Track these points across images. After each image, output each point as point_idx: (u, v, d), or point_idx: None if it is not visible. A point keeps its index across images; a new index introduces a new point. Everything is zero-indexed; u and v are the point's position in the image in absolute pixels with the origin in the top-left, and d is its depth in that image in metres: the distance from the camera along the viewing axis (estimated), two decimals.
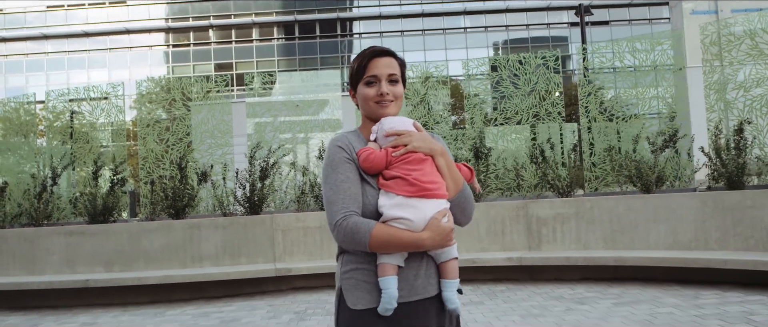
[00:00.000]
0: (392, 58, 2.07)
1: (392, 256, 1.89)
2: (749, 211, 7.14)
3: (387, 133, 2.00)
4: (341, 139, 2.03)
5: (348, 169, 1.95)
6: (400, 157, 1.95)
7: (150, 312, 7.62)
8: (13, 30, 53.36)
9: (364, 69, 2.04)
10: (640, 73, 9.57)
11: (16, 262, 8.71)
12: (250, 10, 53.28)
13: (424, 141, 1.99)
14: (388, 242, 1.86)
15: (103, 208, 9.20)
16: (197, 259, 8.60)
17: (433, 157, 1.99)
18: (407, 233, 1.86)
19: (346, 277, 1.96)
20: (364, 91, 2.05)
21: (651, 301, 6.51)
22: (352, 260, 1.97)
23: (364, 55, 2.07)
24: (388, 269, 1.89)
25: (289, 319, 6.74)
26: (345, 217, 1.88)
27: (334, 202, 1.91)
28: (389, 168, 1.95)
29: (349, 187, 1.92)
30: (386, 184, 1.93)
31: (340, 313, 1.98)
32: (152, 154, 10.18)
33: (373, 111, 2.06)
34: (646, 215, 7.81)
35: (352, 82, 2.12)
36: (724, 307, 5.98)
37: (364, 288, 1.92)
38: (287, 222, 8.71)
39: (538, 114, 9.77)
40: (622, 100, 9.69)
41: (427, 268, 1.97)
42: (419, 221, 1.87)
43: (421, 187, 1.90)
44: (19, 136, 11.02)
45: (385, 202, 1.91)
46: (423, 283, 1.95)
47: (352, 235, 1.86)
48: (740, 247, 7.17)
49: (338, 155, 1.97)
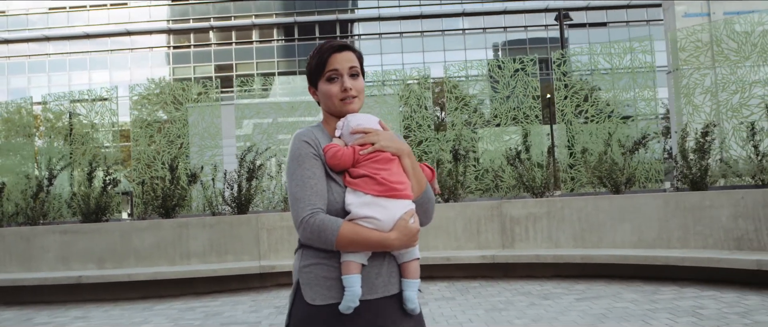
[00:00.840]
0: (351, 52, 2.04)
1: (357, 254, 1.88)
2: (708, 211, 7.48)
3: (353, 130, 1.97)
4: (306, 134, 1.99)
5: (314, 164, 1.92)
6: (367, 156, 1.93)
7: (139, 307, 7.97)
8: (15, 31, 53.87)
9: (323, 64, 2.01)
10: (616, 75, 9.91)
11: (13, 259, 9.08)
12: (250, 11, 53.76)
13: (391, 140, 1.98)
14: (355, 241, 1.84)
15: (96, 208, 9.57)
16: (185, 256, 8.96)
17: (399, 157, 1.97)
18: (375, 233, 1.85)
19: (306, 272, 1.94)
20: (326, 88, 2.02)
21: (612, 296, 6.85)
22: (312, 255, 1.94)
23: (322, 50, 2.03)
24: (352, 267, 1.88)
25: (269, 313, 7.09)
26: (312, 214, 1.85)
27: (300, 199, 1.88)
28: (356, 166, 1.93)
29: (315, 183, 1.89)
30: (353, 182, 1.91)
31: (295, 307, 1.96)
32: (144, 155, 10.55)
33: (337, 108, 2.03)
34: (612, 215, 8.16)
35: (312, 79, 2.08)
36: (677, 302, 6.32)
37: (323, 284, 1.90)
38: (272, 221, 9.07)
39: (516, 117, 10.12)
40: (602, 102, 9.98)
41: (389, 266, 1.96)
42: (387, 221, 1.86)
43: (390, 186, 1.88)
44: (21, 137, 11.41)
45: (353, 200, 1.89)
46: (384, 282, 1.95)
47: (319, 233, 1.84)
48: (699, 246, 7.51)
49: (304, 150, 1.94)
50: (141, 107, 10.98)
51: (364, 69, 2.11)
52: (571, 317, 5.97)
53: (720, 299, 6.32)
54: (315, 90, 2.08)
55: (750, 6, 29.83)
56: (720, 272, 6.92)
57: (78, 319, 7.35)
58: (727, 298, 6.33)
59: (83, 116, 11.12)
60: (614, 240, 8.12)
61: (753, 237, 7.12)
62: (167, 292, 8.61)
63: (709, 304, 6.15)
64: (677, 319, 5.58)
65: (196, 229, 9.05)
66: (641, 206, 8.01)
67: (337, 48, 2.01)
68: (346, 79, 1.99)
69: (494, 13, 53.15)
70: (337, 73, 1.99)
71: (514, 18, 53.20)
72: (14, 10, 53.87)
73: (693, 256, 7.02)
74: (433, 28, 53.31)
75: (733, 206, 7.29)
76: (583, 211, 8.38)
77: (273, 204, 10.24)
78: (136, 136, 10.63)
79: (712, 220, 7.44)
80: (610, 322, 5.66)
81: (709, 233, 7.45)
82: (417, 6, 53.17)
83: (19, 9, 53.82)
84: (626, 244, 8.04)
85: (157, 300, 8.39)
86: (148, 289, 8.58)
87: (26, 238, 9.15)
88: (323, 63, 2.00)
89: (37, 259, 9.07)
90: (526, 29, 53.34)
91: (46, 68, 54.25)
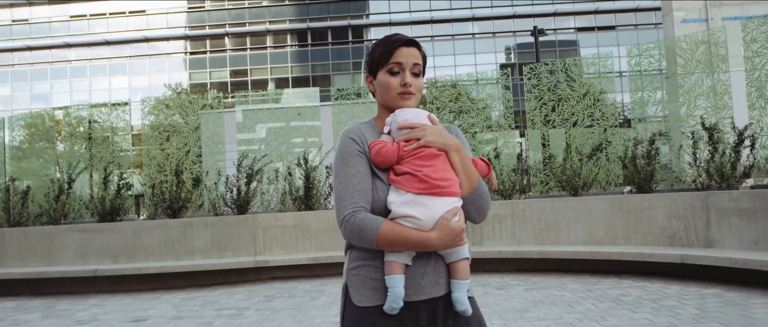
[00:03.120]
0: (417, 50, 2.00)
1: (399, 254, 1.83)
2: (647, 211, 8.40)
3: (400, 125, 1.92)
4: (354, 131, 1.96)
5: (359, 162, 1.89)
6: (411, 152, 1.87)
7: (148, 297, 9.03)
8: (38, 39, 55.66)
9: (388, 56, 1.95)
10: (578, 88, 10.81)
11: (37, 255, 10.21)
12: (265, 18, 55.05)
13: (439, 135, 1.90)
14: (395, 241, 1.79)
15: (111, 209, 10.69)
16: (189, 252, 10.03)
17: (446, 152, 1.90)
18: (415, 232, 1.79)
19: (353, 274, 1.92)
20: (386, 79, 1.96)
21: (557, 286, 7.79)
22: (358, 256, 1.92)
23: (390, 41, 1.97)
24: (394, 267, 1.83)
25: (259, 300, 8.12)
26: (353, 213, 1.83)
27: (344, 197, 1.86)
28: (401, 163, 1.88)
29: (359, 181, 1.86)
30: (396, 180, 1.86)
31: (346, 310, 1.94)
32: (154, 161, 11.67)
33: (393, 101, 1.98)
34: (567, 215, 9.10)
35: (372, 68, 2.02)
36: (608, 291, 7.25)
37: (370, 285, 1.88)
38: (267, 221, 10.10)
39: (490, 126, 11.08)
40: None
41: (436, 267, 1.90)
42: (428, 220, 1.80)
43: (432, 184, 1.82)
44: (43, 142, 12.59)
45: (395, 198, 1.84)
46: (430, 283, 1.88)
47: (359, 232, 1.81)
48: (640, 242, 8.43)
49: (350, 148, 1.91)
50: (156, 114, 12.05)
51: (425, 70, 2.05)
52: (511, 304, 6.92)
53: (645, 289, 7.25)
54: (372, 79, 2.04)
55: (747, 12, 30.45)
56: (653, 266, 7.85)
57: (94, 307, 8.42)
58: (651, 288, 7.26)
59: (103, 121, 12.24)
60: (569, 238, 9.05)
61: (683, 235, 8.03)
62: (173, 284, 9.68)
63: (634, 292, 7.08)
64: (598, 305, 6.52)
65: (199, 228, 10.11)
66: (592, 208, 8.95)
67: (406, 42, 1.97)
68: (407, 74, 1.95)
69: (503, 17, 53.98)
70: (401, 67, 1.95)
71: (522, 22, 53.93)
72: (37, 18, 55.73)
73: (630, 251, 7.95)
74: (443, 32, 54.27)
75: (667, 207, 8.21)
76: (543, 213, 9.32)
77: (271, 205, 11.25)
78: (147, 139, 11.72)
79: (650, 220, 8.36)
80: (541, 307, 6.62)
81: (647, 231, 8.37)
82: (427, 11, 54.15)
83: (41, 17, 55.67)
84: (579, 241, 8.98)
85: (163, 291, 9.46)
86: (156, 282, 9.65)
87: (49, 236, 10.27)
88: (389, 54, 1.95)
89: (58, 254, 10.18)
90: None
91: (67, 74, 56.03)
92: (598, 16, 53.35)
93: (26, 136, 12.87)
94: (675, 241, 8.11)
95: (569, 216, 9.08)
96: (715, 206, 7.79)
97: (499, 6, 54.07)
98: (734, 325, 5.32)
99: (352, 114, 11.71)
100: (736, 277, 7.15)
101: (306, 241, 10.02)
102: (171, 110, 12.05)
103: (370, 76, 2.04)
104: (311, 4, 55.05)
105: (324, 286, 8.94)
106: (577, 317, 5.99)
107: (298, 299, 7.99)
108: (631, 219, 8.52)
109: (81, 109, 12.72)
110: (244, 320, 6.84)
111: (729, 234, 7.56)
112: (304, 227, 10.04)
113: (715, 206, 7.79)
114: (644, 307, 6.24)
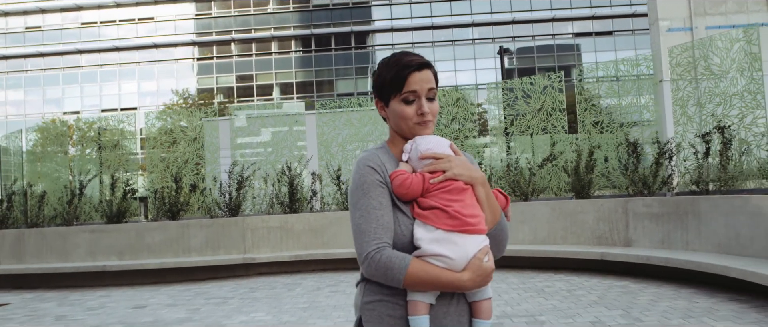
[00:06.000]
0: (430, 72, 1.86)
1: (425, 293, 1.75)
2: (580, 216, 9.63)
3: (423, 155, 1.81)
4: (372, 159, 1.84)
5: (380, 193, 1.78)
6: (438, 185, 1.77)
7: (149, 289, 10.32)
8: (50, 45, 57.36)
9: (401, 83, 1.82)
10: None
11: (52, 253, 11.54)
12: (270, 24, 56.52)
13: (465, 168, 1.81)
14: (425, 281, 1.70)
15: (118, 212, 12.01)
16: (186, 250, 11.32)
17: (473, 186, 1.81)
18: (447, 273, 1.70)
19: (368, 309, 1.81)
20: (400, 109, 1.84)
21: (500, 281, 9.00)
22: (375, 291, 1.81)
23: (401, 66, 1.83)
24: (420, 308, 1.74)
25: (243, 292, 9.40)
26: (378, 249, 1.72)
27: (366, 232, 1.74)
28: (426, 196, 1.78)
29: (381, 214, 1.75)
30: (423, 215, 1.76)
31: None
32: (157, 168, 12.99)
33: (411, 130, 1.86)
34: (516, 218, 10.32)
35: (382, 94, 1.89)
36: (539, 284, 8.48)
37: (387, 322, 1.78)
38: (255, 223, 11.39)
39: (457, 136, 12.33)
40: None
41: (458, 306, 1.81)
42: (460, 259, 1.71)
43: (463, 221, 1.73)
44: (55, 146, 13.94)
45: (423, 235, 1.74)
46: (452, 322, 1.80)
47: (386, 271, 1.70)
48: (574, 242, 9.65)
49: (370, 177, 1.79)
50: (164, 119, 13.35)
51: (437, 87, 1.92)
52: None
53: (570, 282, 8.48)
54: (384, 105, 1.92)
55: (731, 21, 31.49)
56: (581, 262, 9.09)
57: (102, 297, 9.71)
58: (575, 281, 8.49)
59: (112, 128, 13.56)
60: (517, 238, 10.27)
61: (608, 236, 9.26)
62: (171, 279, 10.97)
63: (558, 285, 8.32)
64: (522, 295, 7.76)
65: (195, 229, 11.41)
66: (537, 212, 10.17)
67: (418, 66, 1.83)
68: (424, 102, 1.84)
69: (503, 23, 55.17)
70: (416, 95, 1.83)
71: (522, 27, 55.10)
72: (49, 25, 57.49)
73: (564, 249, 9.19)
74: (443, 38, 55.54)
75: (596, 211, 9.44)
76: None
77: (263, 209, 12.50)
78: (151, 153, 13.06)
79: (583, 223, 9.59)
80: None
81: (580, 233, 9.60)
82: (428, 17, 55.45)
83: (53, 24, 57.43)
84: (525, 241, 10.20)
85: (163, 284, 10.75)
86: (156, 276, 10.95)
87: (62, 236, 11.60)
88: (401, 81, 1.82)
89: (71, 252, 11.51)
90: (534, 38, 55.18)
91: (78, 79, 57.72)
92: (595, 21, 54.41)
93: (39, 140, 14.19)
94: (602, 241, 9.34)
95: (518, 219, 10.30)
96: (632, 211, 9.02)
97: (498, 12, 55.27)
98: (617, 309, 6.56)
99: (334, 126, 12.99)
100: (646, 272, 8.37)
101: (289, 240, 11.29)
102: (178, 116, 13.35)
103: (380, 102, 1.92)
104: (315, 11, 56.51)
105: (302, 280, 10.20)
106: (499, 304, 7.23)
107: (278, 290, 9.26)
108: (568, 222, 9.75)
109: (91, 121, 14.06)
110: (227, 307, 8.12)
111: (643, 235, 8.79)
112: (288, 229, 11.31)
113: (632, 211, 9.02)
114: (557, 296, 7.48)
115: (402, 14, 55.96)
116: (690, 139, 9.48)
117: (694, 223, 8.07)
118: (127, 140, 13.55)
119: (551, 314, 6.53)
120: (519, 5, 54.85)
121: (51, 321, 7.78)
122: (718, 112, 9.28)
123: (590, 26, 54.41)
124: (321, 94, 54.15)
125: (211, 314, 7.67)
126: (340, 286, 9.33)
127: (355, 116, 13.13)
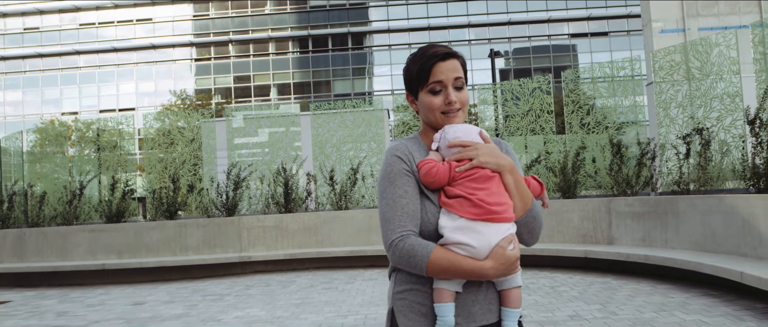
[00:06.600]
0: (456, 60, 1.87)
1: (450, 281, 1.75)
2: (565, 215, 9.93)
3: (451, 143, 1.81)
4: (400, 148, 1.86)
5: (406, 182, 1.80)
6: (464, 173, 1.77)
7: (148, 287, 10.61)
8: (48, 46, 57.60)
9: (427, 74, 1.83)
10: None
11: (53, 251, 11.82)
12: (267, 25, 56.81)
13: (492, 155, 1.79)
14: (447, 269, 1.70)
15: (117, 212, 12.30)
16: (184, 249, 11.60)
17: (500, 173, 1.79)
18: (468, 261, 1.70)
19: (399, 298, 1.84)
20: (428, 100, 1.85)
21: None
22: (406, 280, 1.84)
23: (426, 57, 1.85)
24: (445, 295, 1.75)
25: (239, 289, 9.69)
26: (402, 237, 1.74)
27: (391, 220, 1.77)
28: (452, 184, 1.78)
29: (407, 203, 1.77)
30: (448, 203, 1.76)
31: None
32: (155, 169, 13.28)
33: (438, 121, 1.87)
34: None
35: (411, 87, 1.92)
36: (524, 281, 8.76)
37: (418, 310, 1.80)
38: (251, 222, 11.67)
39: None
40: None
41: (487, 293, 1.81)
42: (483, 248, 1.70)
43: (487, 209, 1.72)
44: (54, 147, 14.20)
45: (447, 223, 1.75)
46: (481, 310, 1.80)
47: (409, 258, 1.72)
48: (560, 241, 9.96)
49: (397, 166, 1.82)
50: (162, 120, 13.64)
51: (467, 76, 1.91)
52: None
53: (554, 279, 8.79)
54: (414, 99, 1.94)
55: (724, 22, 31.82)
56: (566, 260, 9.39)
57: (102, 295, 9.99)
58: (558, 278, 8.80)
59: (110, 129, 13.84)
60: None
61: (592, 234, 9.57)
62: (169, 277, 11.25)
63: (542, 281, 8.62)
64: None
65: (192, 228, 11.69)
66: None
67: (442, 56, 1.84)
68: (450, 91, 1.84)
69: (499, 24, 55.52)
70: (442, 85, 1.84)
71: (517, 28, 55.45)
72: (48, 26, 57.72)
73: (549, 248, 9.49)
74: (440, 39, 55.82)
75: (580, 211, 9.74)
76: None
77: (259, 209, 12.80)
78: (149, 155, 13.34)
79: (568, 221, 9.90)
80: None
81: (566, 231, 9.91)
82: (424, 18, 55.77)
83: (52, 25, 57.65)
84: None
85: (161, 282, 11.03)
86: (155, 274, 11.24)
87: (63, 235, 11.88)
88: (426, 72, 1.84)
89: (71, 251, 11.79)
90: (530, 39, 55.54)
91: (77, 80, 57.98)
92: (590, 22, 54.78)
93: (38, 140, 14.46)
94: (586, 239, 9.65)
95: None
96: (615, 210, 9.33)
97: (494, 13, 55.61)
98: (595, 303, 6.87)
99: (328, 128, 13.28)
100: (627, 269, 8.68)
101: (284, 239, 11.58)
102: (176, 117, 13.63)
103: (410, 96, 1.95)
104: (312, 12, 56.80)
105: (296, 277, 10.49)
106: None
107: (272, 288, 9.55)
108: (554, 221, 10.05)
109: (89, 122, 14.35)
110: (223, 303, 8.42)
111: (625, 233, 9.10)
112: (283, 228, 11.60)
113: (615, 210, 9.33)
114: (540, 292, 7.79)
115: (399, 15, 56.30)
116: (672, 141, 9.79)
117: (673, 222, 8.38)
118: (125, 141, 13.82)
119: (532, 308, 6.83)
120: (515, 6, 55.26)
121: (52, 317, 8.06)
122: (699, 115, 9.59)
123: (586, 27, 54.76)
124: (318, 95, 54.49)
125: (208, 310, 7.96)
126: (332, 283, 9.62)
127: (349, 118, 13.41)
